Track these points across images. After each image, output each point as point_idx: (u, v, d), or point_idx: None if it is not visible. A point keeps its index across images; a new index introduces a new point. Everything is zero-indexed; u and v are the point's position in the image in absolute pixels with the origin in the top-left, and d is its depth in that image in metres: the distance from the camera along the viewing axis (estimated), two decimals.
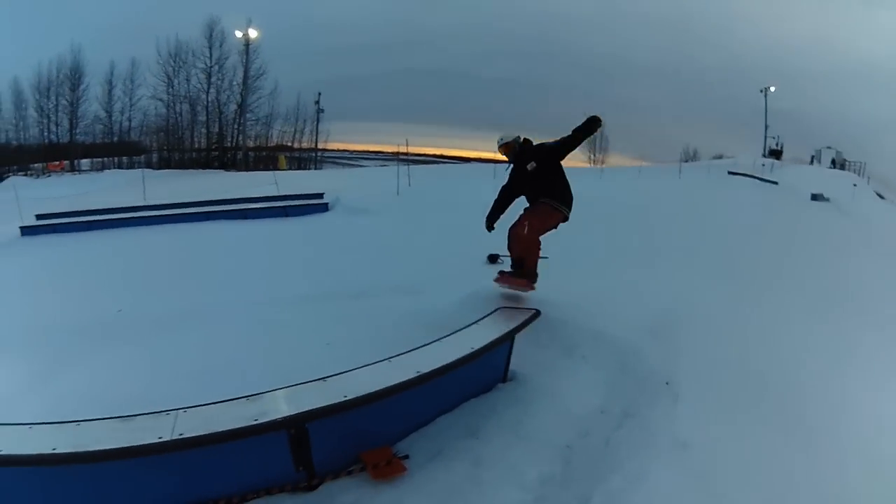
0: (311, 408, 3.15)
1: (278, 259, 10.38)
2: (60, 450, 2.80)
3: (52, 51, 46.21)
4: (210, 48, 45.93)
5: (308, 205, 15.48)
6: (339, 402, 3.23)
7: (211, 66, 45.87)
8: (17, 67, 45.98)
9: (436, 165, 40.41)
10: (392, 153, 52.65)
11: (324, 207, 15.18)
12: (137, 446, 2.86)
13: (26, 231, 16.04)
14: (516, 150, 6.41)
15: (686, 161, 45.49)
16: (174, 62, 45.88)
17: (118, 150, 47.11)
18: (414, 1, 54.61)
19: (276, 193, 17.61)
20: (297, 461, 3.21)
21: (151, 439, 2.90)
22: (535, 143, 6.45)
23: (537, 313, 4.92)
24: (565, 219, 6.27)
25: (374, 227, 12.78)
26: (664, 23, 51.78)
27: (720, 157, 49.65)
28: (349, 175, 33.15)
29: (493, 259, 8.73)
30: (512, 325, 4.55)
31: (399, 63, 56.47)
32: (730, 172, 31.43)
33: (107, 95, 47.08)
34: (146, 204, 17.67)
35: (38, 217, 17.46)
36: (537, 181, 6.18)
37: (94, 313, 7.66)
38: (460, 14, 54.83)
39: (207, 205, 16.38)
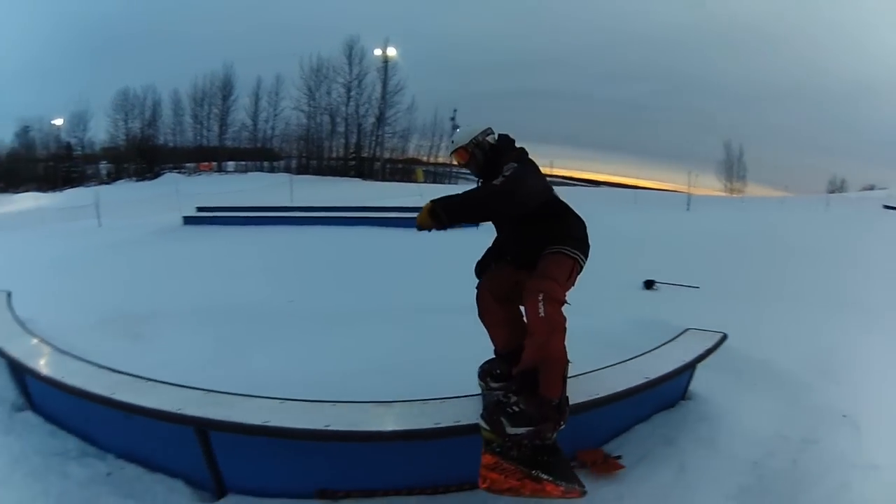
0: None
1: (432, 267, 10.46)
2: (335, 427, 3.04)
3: (207, 66, 52.57)
4: (350, 64, 49.23)
5: None
6: (591, 400, 3.38)
7: (350, 81, 49.10)
8: (177, 80, 53.11)
9: (566, 188, 39.44)
10: None
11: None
12: (436, 428, 3.07)
13: (189, 220, 17.87)
14: (480, 158, 3.63)
15: (833, 192, 41.70)
16: (316, 77, 49.77)
17: (260, 155, 51.00)
18: (539, 22, 55.01)
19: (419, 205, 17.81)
20: None
21: (429, 424, 3.07)
22: (515, 148, 3.65)
23: (724, 337, 4.78)
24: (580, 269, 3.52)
25: None
26: (804, 42, 48.83)
27: (871, 187, 45.85)
28: None
29: (649, 285, 8.48)
30: (705, 347, 4.53)
31: (525, 83, 56.90)
32: (885, 206, 28.51)
33: (253, 106, 52.12)
34: (295, 205, 18.52)
35: (199, 209, 19.10)
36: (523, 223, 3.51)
37: (266, 300, 8.11)
38: (586, 35, 54.44)
39: (357, 210, 17.15)
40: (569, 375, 3.19)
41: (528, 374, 3.05)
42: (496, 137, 3.66)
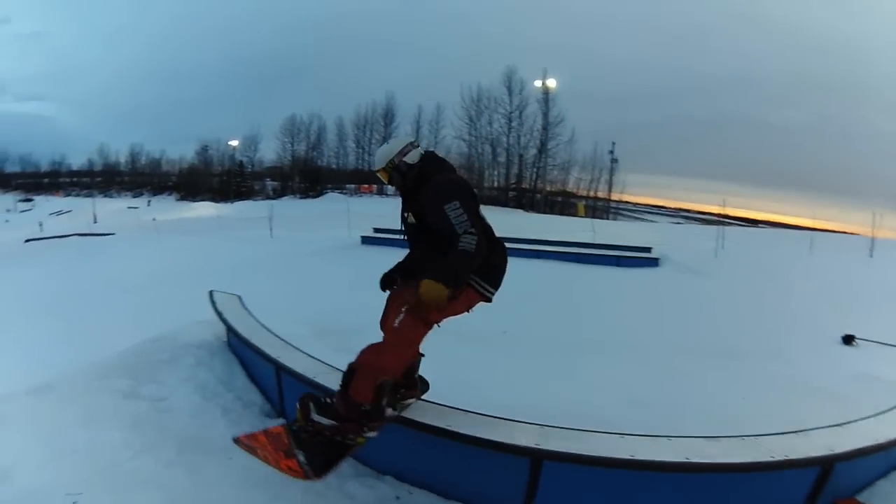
0: (844, 450, 3.17)
1: (637, 307, 10.18)
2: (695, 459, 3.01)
3: (370, 95, 56.90)
4: (510, 95, 49.47)
5: (639, 257, 15.35)
6: (870, 446, 3.27)
7: (511, 112, 49.23)
8: (341, 108, 58.44)
9: (742, 229, 36.20)
10: (677, 210, 50.96)
11: (654, 262, 14.84)
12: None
13: (366, 239, 18.80)
14: (398, 179, 3.47)
15: None
16: (477, 107, 50.37)
17: None
18: (689, 47, 51.89)
19: (593, 241, 17.90)
20: (808, 500, 3.26)
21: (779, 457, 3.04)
22: (441, 167, 3.47)
23: None
24: (487, 299, 3.35)
25: (706, 287, 11.98)
26: None
27: None
28: (657, 230, 31.75)
29: (848, 340, 7.68)
30: None
31: (677, 109, 53.73)
32: None
33: (414, 133, 53.81)
34: None
35: (376, 230, 19.63)
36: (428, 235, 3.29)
37: (480, 326, 7.78)
38: (736, 60, 50.55)
39: (540, 243, 16.80)
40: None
41: (348, 373, 3.06)
42: (420, 154, 3.44)
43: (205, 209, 49.15)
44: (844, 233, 36.35)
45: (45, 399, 4.60)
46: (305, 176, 57.37)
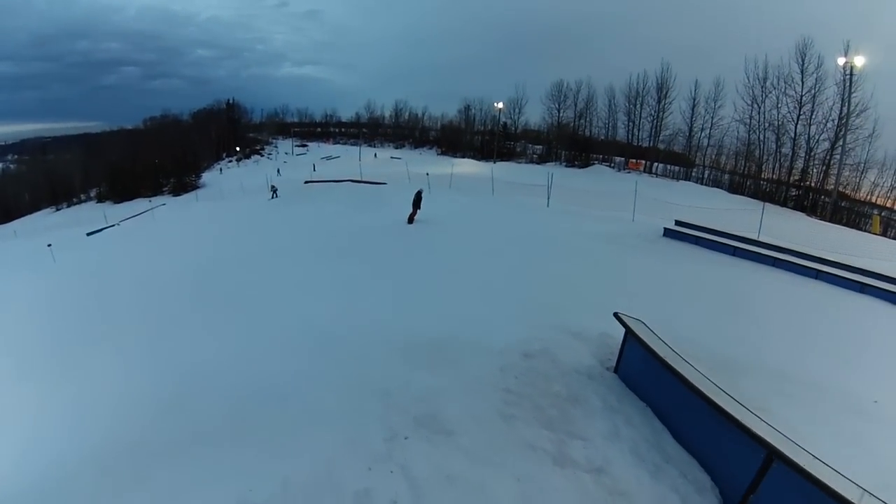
0: None
1: None
2: None
3: (643, 64, 54.29)
4: (802, 74, 41.93)
5: None
6: None
7: (802, 95, 41.84)
8: (613, 76, 59.49)
9: None
10: None
11: None
12: None
13: (668, 232, 18.12)
14: None
15: None
16: (762, 86, 44.49)
17: (682, 161, 50.41)
18: None
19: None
20: None
21: None
22: None
23: None
24: None
25: None
26: None
27: None
28: None
29: None
30: None
31: None
32: None
33: (690, 111, 50.50)
34: (770, 242, 17.28)
35: (678, 223, 19.04)
36: None
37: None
38: None
39: (842, 268, 14.60)
40: None
41: None
42: None
43: (469, 167, 51.36)
44: None
45: (454, 444, 4.71)
46: (573, 143, 57.34)
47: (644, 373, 5.54)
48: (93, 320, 11.96)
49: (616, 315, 6.20)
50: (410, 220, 19.07)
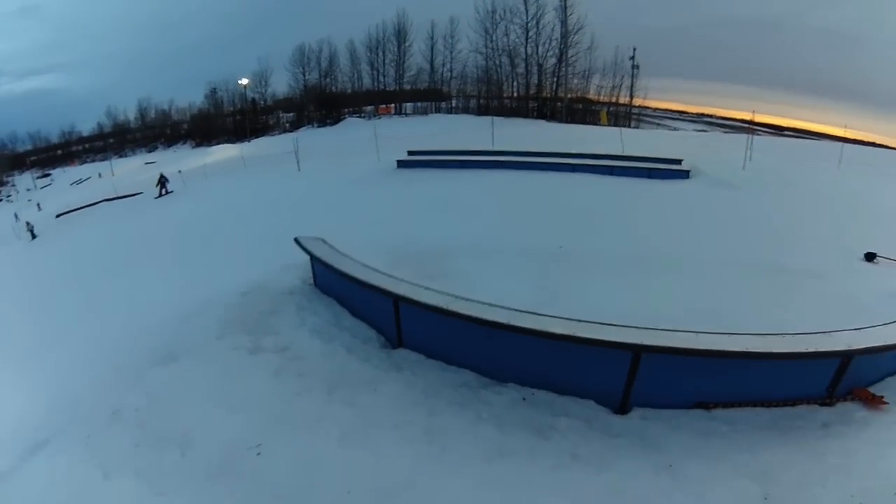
0: (860, 347, 4.20)
1: (677, 221, 10.67)
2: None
3: (380, 15, 55.07)
4: (525, 4, 47.66)
5: (670, 170, 15.43)
6: (882, 346, 4.25)
7: (528, 22, 47.76)
8: (352, 31, 57.07)
9: (770, 138, 34.94)
10: (699, 115, 50.14)
11: (684, 174, 15.06)
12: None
13: (402, 164, 19.25)
14: None
15: None
16: (492, 19, 49.08)
17: (437, 96, 52.95)
18: None
19: (622, 152, 17.81)
20: (830, 385, 4.38)
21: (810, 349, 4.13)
22: None
23: None
24: None
25: (738, 201, 12.20)
26: None
27: None
28: (683, 140, 30.12)
29: (869, 258, 8.23)
30: None
31: (718, 10, 51.35)
32: None
33: (429, 50, 53.61)
34: (501, 149, 18.99)
35: (410, 153, 20.16)
36: None
37: (536, 243, 8.67)
38: None
39: (573, 157, 17.09)
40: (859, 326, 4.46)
41: None
42: None
43: (224, 152, 49.84)
44: (878, 145, 35.80)
45: (181, 368, 5.56)
46: (322, 103, 57.37)
47: (327, 277, 6.78)
48: None
49: (295, 240, 7.53)
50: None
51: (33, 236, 28.78)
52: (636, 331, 4.23)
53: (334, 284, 6.63)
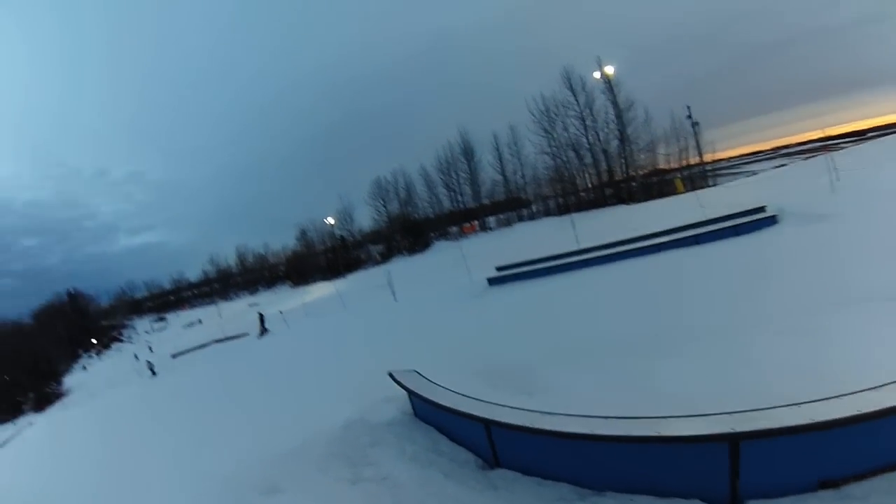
0: None
1: (770, 274, 10.05)
2: None
3: (445, 137, 58.97)
4: (574, 95, 49.05)
5: (755, 221, 14.82)
6: None
7: (582, 111, 48.85)
8: (422, 158, 62.06)
9: (850, 148, 31.42)
10: (774, 150, 49.51)
11: (771, 221, 14.54)
12: None
13: (492, 281, 19.54)
14: None
15: None
16: (548, 117, 50.67)
17: (516, 204, 54.23)
18: None
19: (704, 217, 17.21)
20: None
21: None
22: None
23: None
24: None
25: (833, 233, 11.45)
26: None
27: None
28: (763, 182, 29.04)
29: None
30: None
31: (746, 39, 52.39)
32: None
33: (497, 161, 55.69)
34: (585, 247, 19.05)
35: (498, 269, 20.54)
36: None
37: (626, 337, 8.56)
38: None
39: (656, 236, 16.89)
40: None
41: None
42: None
43: (321, 290, 52.37)
44: None
45: (285, 498, 5.88)
46: (408, 231, 59.53)
47: (424, 407, 7.02)
48: None
49: (390, 375, 7.85)
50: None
51: (153, 374, 31.79)
52: (727, 417, 3.95)
53: (431, 413, 6.87)
